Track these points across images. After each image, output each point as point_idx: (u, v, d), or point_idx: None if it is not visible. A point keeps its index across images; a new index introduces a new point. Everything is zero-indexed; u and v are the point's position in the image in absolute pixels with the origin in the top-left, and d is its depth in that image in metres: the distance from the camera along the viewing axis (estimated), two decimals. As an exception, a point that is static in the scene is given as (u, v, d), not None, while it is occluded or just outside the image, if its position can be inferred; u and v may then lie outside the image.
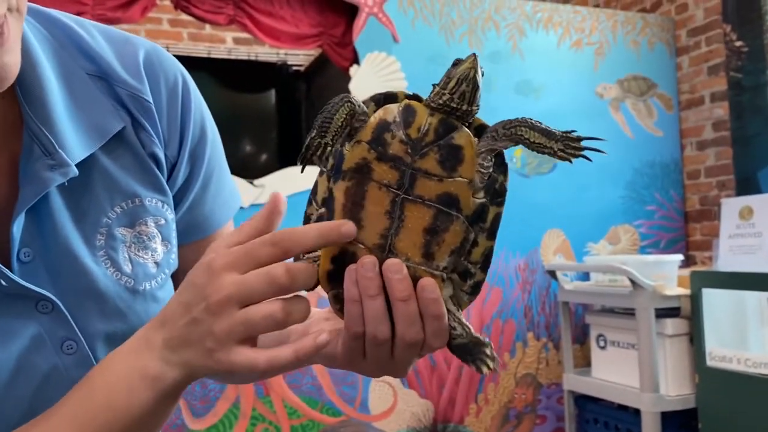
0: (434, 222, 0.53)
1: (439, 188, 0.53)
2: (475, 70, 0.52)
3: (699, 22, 3.07)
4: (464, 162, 0.53)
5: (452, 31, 2.77)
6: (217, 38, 3.61)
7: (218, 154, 0.74)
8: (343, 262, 0.54)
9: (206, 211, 0.72)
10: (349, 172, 0.53)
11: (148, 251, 0.64)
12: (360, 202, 0.53)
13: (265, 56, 3.63)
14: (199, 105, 0.71)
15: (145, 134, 0.64)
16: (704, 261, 3.02)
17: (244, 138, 3.54)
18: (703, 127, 3.06)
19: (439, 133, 0.53)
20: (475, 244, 0.55)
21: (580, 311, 2.87)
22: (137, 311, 0.63)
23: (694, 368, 2.32)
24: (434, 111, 0.53)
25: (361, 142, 0.54)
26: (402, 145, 0.53)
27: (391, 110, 0.54)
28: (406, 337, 0.53)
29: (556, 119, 2.87)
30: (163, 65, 0.67)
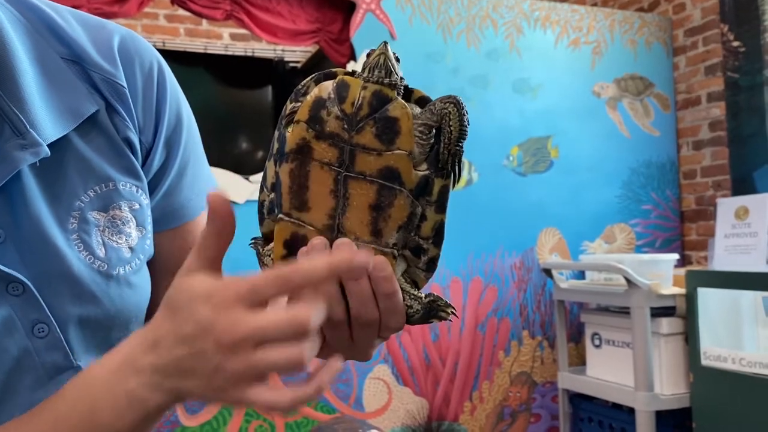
0: (378, 198, 0.52)
1: (379, 162, 0.52)
2: (384, 56, 0.53)
3: (696, 22, 3.08)
4: (401, 134, 0.52)
5: (450, 29, 2.76)
6: (214, 34, 3.60)
7: (195, 141, 0.73)
8: (295, 245, 0.54)
9: (182, 199, 0.72)
10: (291, 153, 0.53)
11: (122, 236, 0.64)
12: (304, 183, 0.53)
13: (261, 52, 3.62)
14: (175, 92, 0.71)
15: (119, 119, 0.64)
16: (699, 260, 3.03)
17: (240, 134, 3.53)
18: (699, 127, 3.06)
19: (374, 105, 0.52)
20: (424, 218, 0.54)
21: (575, 310, 2.87)
22: (111, 296, 0.62)
23: (688, 367, 2.32)
24: (367, 84, 0.53)
25: (299, 122, 0.53)
26: (338, 121, 0.52)
27: (325, 87, 0.54)
28: (361, 316, 0.53)
29: (553, 118, 2.88)
30: (139, 51, 0.67)
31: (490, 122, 2.77)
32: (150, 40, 3.33)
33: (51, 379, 0.59)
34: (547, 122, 2.88)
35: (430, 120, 0.53)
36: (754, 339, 2.30)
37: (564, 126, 2.91)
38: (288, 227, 0.54)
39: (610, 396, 2.46)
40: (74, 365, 0.60)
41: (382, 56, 0.53)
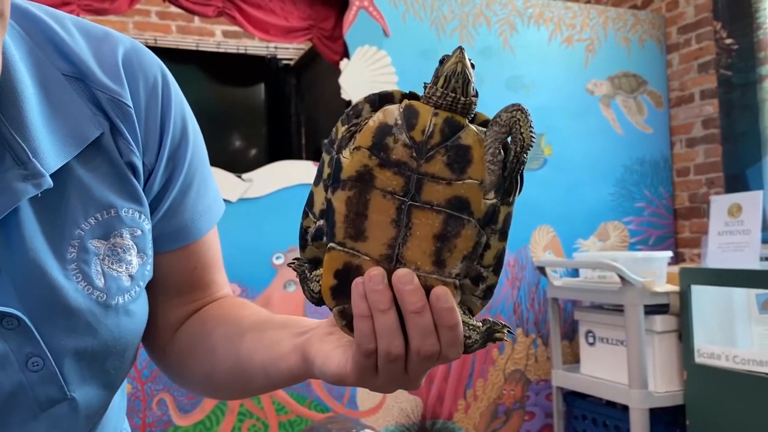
0: (444, 228, 0.50)
1: (449, 192, 0.50)
2: (462, 64, 0.50)
3: (689, 20, 3.07)
4: (473, 162, 0.50)
5: (443, 26, 2.75)
6: (206, 31, 3.58)
7: (200, 158, 0.70)
8: (347, 276, 0.51)
9: (184, 219, 0.69)
10: (349, 181, 0.50)
11: (123, 264, 0.61)
12: (363, 212, 0.50)
13: (254, 50, 3.60)
14: (180, 106, 0.68)
15: (123, 142, 0.61)
16: (693, 258, 3.03)
17: (232, 132, 3.51)
18: (692, 124, 3.06)
19: (445, 133, 0.50)
20: (487, 247, 0.53)
21: (569, 307, 2.87)
22: (109, 326, 0.60)
23: (682, 365, 2.32)
24: (437, 109, 0.51)
25: (360, 148, 0.51)
26: (406, 149, 0.50)
27: (391, 112, 0.51)
28: (422, 350, 0.51)
29: (547, 115, 2.87)
30: (143, 65, 0.64)
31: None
32: (141, 37, 3.31)
33: (43, 412, 0.57)
34: (540, 120, 2.87)
35: (498, 134, 0.51)
36: (747, 336, 2.30)
37: (557, 124, 2.90)
38: (341, 257, 0.51)
39: (604, 394, 2.46)
40: (68, 397, 0.58)
41: (459, 64, 0.50)
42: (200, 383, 0.72)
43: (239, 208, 2.38)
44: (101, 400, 0.63)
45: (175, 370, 0.74)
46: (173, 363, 0.74)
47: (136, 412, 2.26)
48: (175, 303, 0.72)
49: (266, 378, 0.64)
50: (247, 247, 2.36)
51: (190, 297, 0.73)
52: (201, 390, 0.74)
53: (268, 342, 0.63)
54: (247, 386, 0.67)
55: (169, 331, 0.73)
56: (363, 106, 0.53)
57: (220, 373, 0.68)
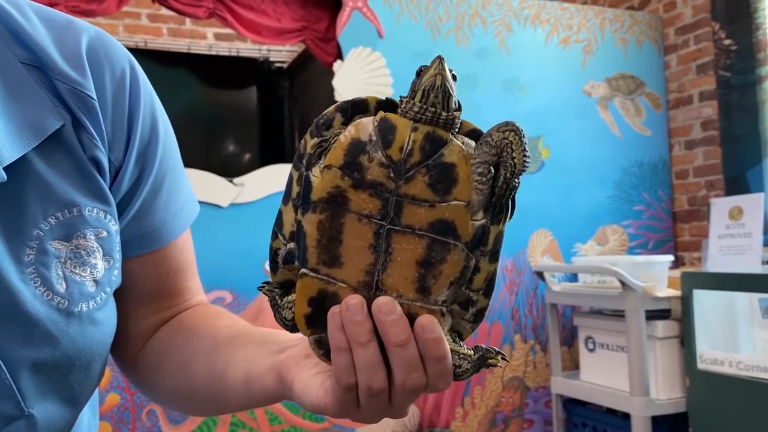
0: (428, 253, 0.45)
1: (432, 215, 0.45)
2: (442, 77, 0.45)
3: (687, 20, 3.04)
4: (459, 182, 0.45)
5: (438, 27, 2.71)
6: (197, 34, 3.53)
7: (171, 156, 0.66)
8: (322, 303, 0.47)
9: (156, 221, 0.64)
10: (320, 203, 0.46)
11: (87, 268, 0.56)
12: (337, 236, 0.46)
13: (246, 52, 3.55)
14: (149, 100, 0.63)
15: (86, 135, 0.56)
16: (693, 262, 2.99)
17: (224, 135, 3.46)
18: (691, 126, 3.02)
19: (426, 151, 0.45)
20: (477, 270, 0.48)
21: (568, 313, 2.82)
22: (71, 336, 0.54)
23: (684, 371, 2.28)
24: (417, 123, 0.45)
25: (331, 167, 0.45)
26: (382, 168, 0.45)
27: (364, 126, 0.46)
28: (407, 384, 0.46)
29: (544, 118, 2.83)
30: (109, 55, 0.60)
31: (479, 123, 2.69)
32: (132, 40, 3.26)
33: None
34: (537, 122, 2.83)
35: (488, 155, 0.46)
36: (750, 341, 2.26)
37: (554, 126, 2.86)
38: (314, 284, 0.47)
39: (605, 401, 2.41)
40: (26, 413, 0.53)
41: (438, 77, 0.45)
42: (171, 398, 0.68)
43: (231, 213, 2.33)
44: (64, 418, 0.57)
45: (145, 383, 0.70)
46: (143, 375, 0.69)
47: (125, 424, 2.20)
48: (146, 311, 0.68)
49: (241, 397, 0.60)
50: (238, 253, 2.31)
51: (162, 304, 0.69)
52: (172, 404, 0.70)
53: (243, 359, 0.59)
54: (221, 404, 0.63)
55: (139, 340, 0.69)
56: (334, 115, 0.48)
57: (193, 389, 0.64)
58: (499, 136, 0.46)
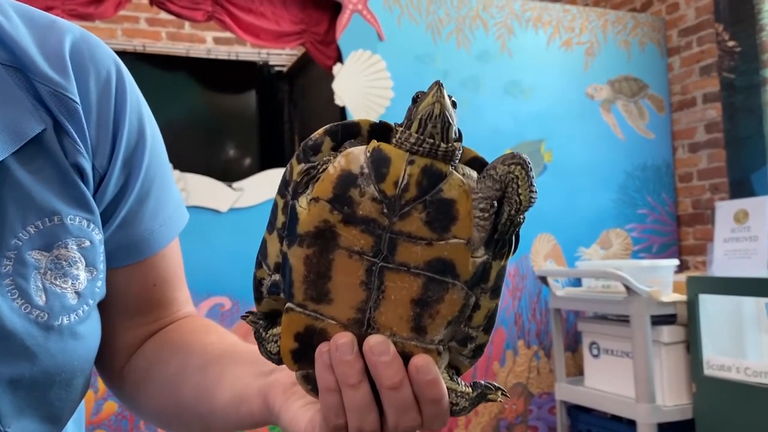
0: (424, 292, 0.42)
1: (429, 253, 0.42)
2: (441, 105, 0.41)
3: (690, 22, 3.01)
4: (458, 219, 0.42)
5: (439, 30, 2.68)
6: (196, 38, 3.50)
7: (159, 162, 0.63)
8: (310, 339, 0.44)
9: (142, 230, 0.61)
10: (307, 237, 0.42)
11: (68, 279, 0.53)
12: (325, 272, 0.42)
13: (246, 56, 3.53)
14: (136, 104, 0.60)
15: (68, 141, 0.54)
16: (697, 266, 2.96)
17: (223, 140, 3.43)
18: (695, 128, 2.99)
19: (423, 186, 0.41)
20: (477, 308, 0.45)
21: (571, 318, 2.79)
22: (51, 351, 0.51)
23: (691, 377, 2.24)
24: (413, 155, 0.42)
25: (319, 200, 0.42)
26: (375, 204, 0.41)
27: (355, 157, 0.42)
28: (401, 425, 0.43)
29: (546, 121, 2.80)
30: (94, 57, 0.57)
31: (481, 126, 2.69)
32: (130, 44, 3.23)
33: None
34: (539, 125, 2.81)
35: (491, 190, 0.43)
36: (757, 347, 2.23)
37: (557, 129, 2.83)
38: (301, 319, 0.44)
39: (610, 408, 2.38)
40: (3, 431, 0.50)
41: (436, 105, 0.41)
42: (157, 415, 0.65)
43: (230, 218, 2.30)
44: None
45: (130, 399, 0.67)
46: (128, 391, 0.66)
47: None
48: (132, 323, 0.65)
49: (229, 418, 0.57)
50: (237, 259, 2.28)
51: (149, 317, 0.66)
52: (158, 421, 0.66)
53: (232, 379, 0.56)
54: (209, 423, 0.60)
55: (124, 354, 0.66)
56: (322, 139, 0.44)
57: (180, 407, 0.61)
58: (504, 169, 0.42)
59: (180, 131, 3.23)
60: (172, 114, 3.21)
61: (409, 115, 0.43)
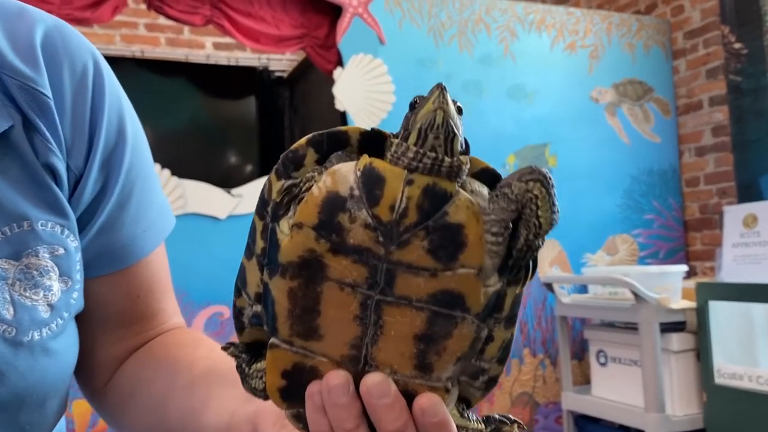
0: (429, 327, 0.37)
1: (433, 285, 0.36)
2: (444, 112, 0.35)
3: (696, 24, 2.97)
4: (468, 246, 0.36)
5: (441, 33, 2.65)
6: (196, 43, 3.47)
7: (142, 163, 0.58)
8: (299, 376, 0.38)
9: (124, 236, 0.57)
10: (290, 267, 0.37)
11: (40, 290, 0.49)
12: (313, 307, 0.37)
13: (246, 61, 3.49)
14: (116, 100, 0.56)
15: (39, 138, 0.50)
16: (705, 271, 2.90)
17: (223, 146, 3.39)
18: (701, 132, 2.95)
19: (426, 210, 0.35)
20: (490, 340, 0.39)
21: (578, 326, 2.73)
22: (20, 370, 0.47)
23: (701, 386, 2.19)
24: (413, 173, 0.36)
25: (303, 226, 0.36)
26: (369, 231, 0.35)
27: (343, 177, 0.36)
28: None
29: (550, 125, 2.76)
30: (69, 48, 0.53)
31: (484, 130, 2.65)
32: (129, 49, 3.20)
33: None
34: (544, 129, 2.76)
35: (506, 211, 0.37)
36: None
37: (562, 133, 2.79)
38: (288, 356, 0.39)
39: (618, 417, 2.32)
40: None
41: (439, 113, 0.35)
42: None
43: (228, 225, 2.26)
44: None
45: (113, 418, 0.63)
46: (112, 409, 0.62)
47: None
48: (115, 338, 0.61)
49: None
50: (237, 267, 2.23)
51: (133, 330, 0.61)
52: None
53: (219, 403, 0.52)
54: None
55: (107, 370, 0.62)
56: (305, 151, 0.38)
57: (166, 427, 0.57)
58: (521, 187, 0.37)
59: (179, 137, 3.19)
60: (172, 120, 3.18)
61: (407, 123, 0.37)
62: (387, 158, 0.37)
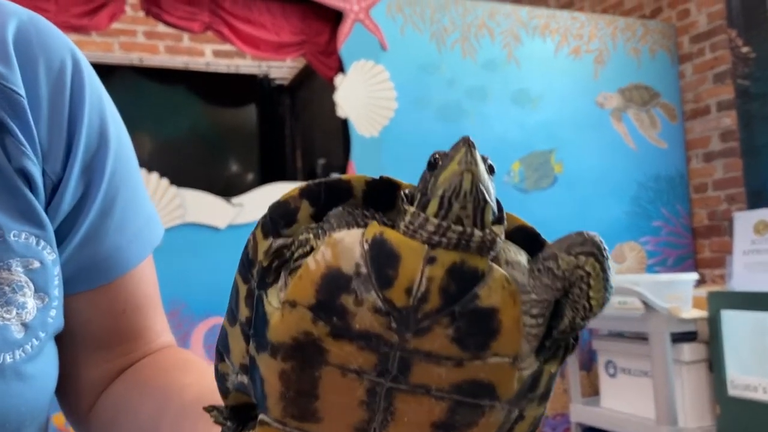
0: (451, 416, 0.31)
1: (458, 375, 0.30)
2: (472, 175, 0.29)
3: (702, 28, 2.93)
4: (502, 333, 0.30)
5: (444, 39, 2.60)
6: (195, 51, 3.43)
7: (126, 168, 0.54)
8: None
9: (108, 247, 0.52)
10: (281, 348, 0.30)
11: (12, 308, 0.45)
12: (310, 391, 0.31)
13: (246, 69, 3.46)
14: (97, 101, 0.52)
15: (11, 141, 0.46)
16: (715, 279, 2.85)
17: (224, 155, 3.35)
18: (709, 137, 2.90)
19: (451, 293, 0.29)
20: (521, 419, 0.33)
21: (586, 336, 2.68)
22: None
23: (714, 398, 2.14)
24: (435, 248, 0.29)
25: (296, 305, 0.30)
26: (379, 316, 0.29)
27: (347, 250, 0.30)
28: None
29: (556, 130, 2.71)
30: (45, 44, 0.49)
31: (489, 136, 2.60)
32: (127, 57, 3.16)
33: None
34: (549, 135, 2.72)
35: (549, 289, 0.31)
36: (783, 365, 2.12)
37: (567, 139, 2.74)
38: None
39: (628, 430, 2.26)
40: None
41: (466, 177, 0.29)
42: None
43: (228, 235, 2.21)
44: None
45: None
46: None
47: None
48: (99, 358, 0.56)
49: None
50: (237, 278, 2.18)
51: (119, 350, 0.57)
52: None
53: None
54: None
55: (91, 394, 0.57)
56: (298, 204, 0.32)
57: None
58: (571, 263, 0.30)
59: (179, 146, 3.15)
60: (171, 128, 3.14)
61: (425, 187, 0.30)
62: (401, 228, 0.30)
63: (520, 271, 0.31)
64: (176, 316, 2.09)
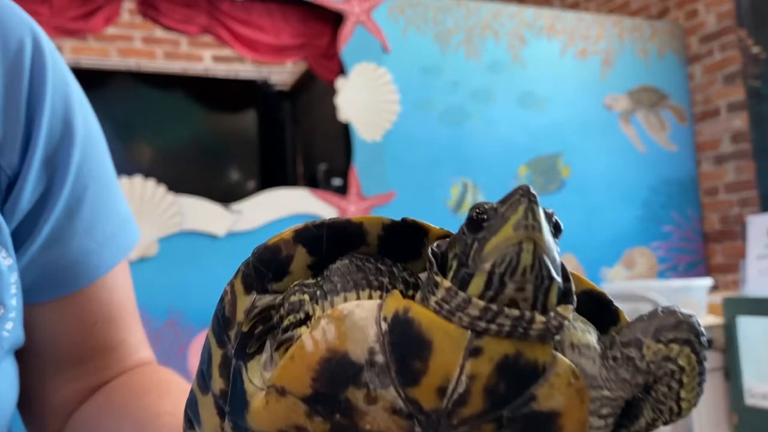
0: None
1: None
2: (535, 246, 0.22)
3: (711, 29, 2.87)
4: None
5: (447, 40, 2.55)
6: (194, 56, 3.38)
7: (97, 162, 0.48)
8: None
9: (75, 251, 0.46)
10: None
11: None
12: None
13: (245, 74, 3.40)
14: (62, 86, 0.46)
15: None
16: (728, 285, 2.78)
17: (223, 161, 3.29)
18: (720, 140, 2.83)
19: (502, 394, 0.22)
20: None
21: (595, 344, 2.61)
22: None
23: (730, 407, 2.06)
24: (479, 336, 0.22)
25: (285, 393, 0.23)
26: (399, 419, 0.22)
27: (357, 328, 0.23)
28: None
29: (563, 133, 2.65)
30: (2, 24, 0.43)
31: (494, 140, 2.54)
32: (125, 63, 3.11)
33: None
34: (556, 138, 2.65)
35: (626, 385, 0.24)
36: (803, 373, 2.04)
37: (575, 142, 2.68)
38: None
39: (642, 441, 2.19)
40: None
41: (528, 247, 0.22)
42: None
43: (227, 243, 2.15)
44: None
45: None
46: None
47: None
48: (68, 376, 0.50)
49: None
50: (236, 286, 2.12)
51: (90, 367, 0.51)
52: None
53: None
54: None
55: (59, 415, 0.51)
56: (291, 251, 0.25)
57: None
58: (659, 353, 0.23)
59: (177, 152, 3.10)
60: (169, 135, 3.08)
61: (464, 252, 0.23)
62: (430, 303, 0.23)
63: (590, 358, 0.24)
64: (174, 326, 2.03)
